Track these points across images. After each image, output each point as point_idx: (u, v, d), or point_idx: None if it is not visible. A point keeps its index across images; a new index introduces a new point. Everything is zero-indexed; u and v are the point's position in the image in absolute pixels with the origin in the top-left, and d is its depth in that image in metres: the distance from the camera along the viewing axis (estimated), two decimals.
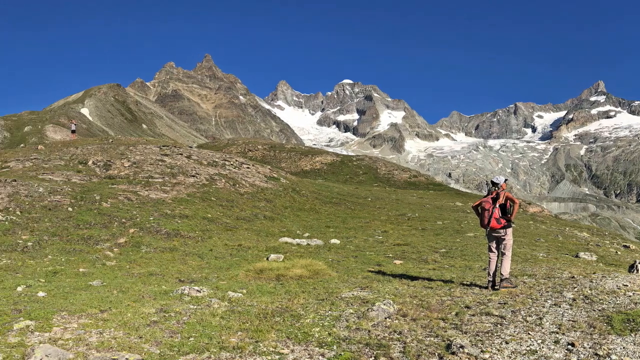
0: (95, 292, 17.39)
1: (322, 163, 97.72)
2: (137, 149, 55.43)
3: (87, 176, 43.76)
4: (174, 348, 11.13)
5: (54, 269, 22.37)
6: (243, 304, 14.99)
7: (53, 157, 51.14)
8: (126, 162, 48.63)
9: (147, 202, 36.46)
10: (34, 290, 17.74)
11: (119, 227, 30.50)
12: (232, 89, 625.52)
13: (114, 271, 22.36)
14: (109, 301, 15.73)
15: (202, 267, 23.71)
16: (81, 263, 23.76)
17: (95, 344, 11.32)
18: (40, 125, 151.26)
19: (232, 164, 55.03)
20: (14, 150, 70.27)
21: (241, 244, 28.92)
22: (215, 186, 44.55)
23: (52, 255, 25.17)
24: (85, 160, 49.35)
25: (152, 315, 13.79)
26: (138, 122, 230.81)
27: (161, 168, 47.41)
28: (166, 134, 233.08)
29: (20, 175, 42.24)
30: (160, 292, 17.19)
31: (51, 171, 44.54)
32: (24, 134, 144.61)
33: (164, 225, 31.33)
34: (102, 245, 27.24)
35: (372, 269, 22.09)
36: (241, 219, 36.82)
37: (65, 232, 29.04)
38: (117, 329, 12.49)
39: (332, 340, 11.60)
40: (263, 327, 12.51)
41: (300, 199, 48.52)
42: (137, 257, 25.52)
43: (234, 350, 10.98)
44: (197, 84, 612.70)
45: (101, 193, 36.72)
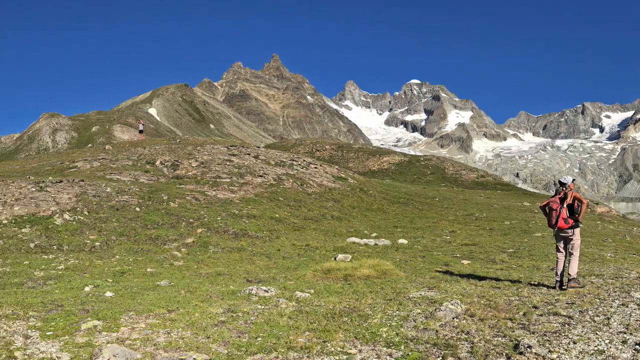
0: (163, 292, 17.59)
1: (390, 163, 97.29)
2: (204, 149, 55.86)
3: (155, 176, 44.28)
4: (241, 348, 11.17)
5: (122, 269, 22.69)
6: (311, 304, 15.00)
7: (120, 157, 51.88)
8: (194, 162, 49.06)
9: (214, 202, 36.74)
10: (101, 290, 18.01)
11: (187, 227, 30.80)
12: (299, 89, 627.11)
13: (182, 271, 22.62)
14: (176, 301, 15.89)
15: (269, 267, 23.80)
16: (149, 263, 24.09)
17: (162, 344, 11.44)
18: (108, 125, 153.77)
19: (299, 164, 55.08)
20: (81, 150, 71.57)
21: (309, 244, 28.95)
22: (283, 186, 44.65)
23: (120, 255, 25.55)
24: (153, 160, 49.94)
25: (219, 315, 13.88)
26: (205, 122, 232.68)
27: (229, 168, 47.69)
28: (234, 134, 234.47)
29: (87, 175, 42.94)
30: (228, 292, 17.28)
31: (119, 171, 45.18)
32: (92, 134, 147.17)
33: (231, 225, 31.52)
34: (169, 245, 27.57)
35: (439, 269, 21.96)
36: (309, 219, 36.85)
37: (132, 232, 29.45)
38: (184, 329, 12.61)
39: (400, 340, 11.53)
40: (331, 327, 12.50)
41: (368, 199, 48.36)
42: (204, 257, 25.76)
43: (302, 350, 10.99)
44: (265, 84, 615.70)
45: (169, 193, 37.12)
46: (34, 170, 48.97)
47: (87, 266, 23.16)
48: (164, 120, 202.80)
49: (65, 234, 28.36)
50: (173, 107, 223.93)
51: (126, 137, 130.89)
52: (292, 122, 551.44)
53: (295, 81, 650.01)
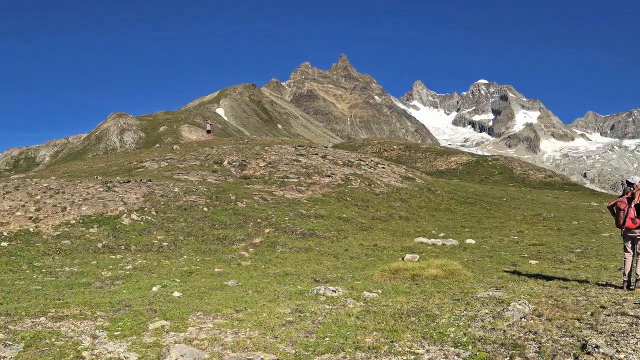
0: (231, 292, 17.66)
1: (457, 163, 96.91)
2: (272, 149, 56.17)
3: (223, 176, 44.64)
4: (309, 348, 11.15)
5: (189, 269, 22.88)
6: (378, 304, 14.93)
7: (188, 157, 52.43)
8: (261, 162, 49.33)
9: (282, 202, 36.88)
10: (169, 290, 18.17)
11: (254, 227, 30.96)
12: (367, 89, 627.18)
13: (250, 271, 22.71)
14: (244, 301, 15.92)
15: (337, 267, 23.80)
16: (216, 263, 24.25)
17: (230, 344, 11.46)
18: (176, 125, 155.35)
19: (367, 164, 55.03)
20: (149, 150, 72.49)
21: (376, 244, 28.89)
22: (351, 186, 44.65)
23: (188, 255, 25.79)
24: (220, 160, 50.35)
25: (287, 315, 13.89)
26: (273, 122, 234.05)
27: (296, 168, 47.86)
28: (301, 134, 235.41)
29: (155, 175, 43.46)
30: (296, 292, 17.30)
31: (186, 171, 45.64)
32: (159, 134, 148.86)
33: (299, 225, 31.60)
34: (237, 245, 27.74)
35: (507, 269, 21.77)
36: (376, 219, 36.77)
37: (200, 232, 29.70)
38: (252, 329, 12.62)
39: (468, 340, 11.42)
40: (398, 327, 12.42)
41: (436, 199, 48.14)
42: (272, 257, 25.87)
43: (369, 350, 10.92)
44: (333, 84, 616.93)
45: (236, 193, 37.36)
46: (102, 170, 49.75)
47: (155, 266, 23.42)
48: (232, 120, 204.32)
49: (133, 234, 28.74)
50: (241, 107, 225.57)
51: (194, 137, 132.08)
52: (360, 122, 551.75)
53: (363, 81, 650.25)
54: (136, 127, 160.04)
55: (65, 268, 22.74)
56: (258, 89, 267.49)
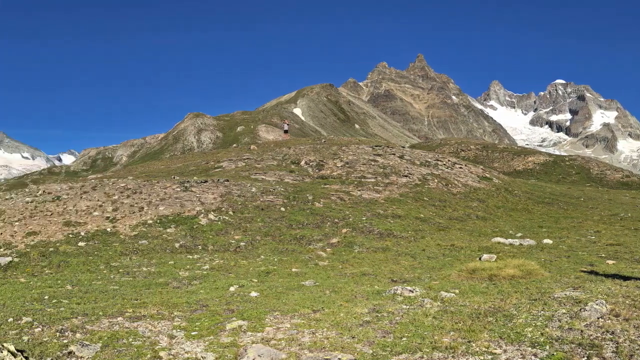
0: (308, 292, 17.70)
1: (535, 163, 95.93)
2: (349, 149, 56.22)
3: (300, 176, 44.82)
4: (386, 348, 11.11)
5: (267, 269, 22.99)
6: (455, 304, 14.82)
7: (265, 157, 52.80)
8: (339, 162, 49.38)
9: (359, 202, 36.86)
10: (246, 290, 18.27)
11: (332, 227, 30.99)
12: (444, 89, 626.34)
13: (327, 271, 22.72)
14: (321, 301, 15.95)
15: (414, 267, 23.69)
16: (294, 263, 24.33)
17: (307, 344, 11.49)
18: (253, 125, 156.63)
19: (444, 164, 54.77)
20: (226, 150, 73.21)
21: (454, 244, 28.69)
22: (428, 186, 44.46)
23: (265, 255, 25.93)
24: (297, 160, 50.58)
25: (364, 315, 13.85)
26: (350, 122, 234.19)
27: (374, 168, 47.80)
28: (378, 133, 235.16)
29: (232, 175, 43.85)
30: (373, 292, 17.24)
31: (264, 171, 45.94)
32: (237, 134, 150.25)
33: (376, 225, 31.54)
34: (314, 245, 27.79)
35: (584, 269, 21.41)
36: (454, 218, 36.55)
37: (277, 232, 29.84)
38: (329, 329, 12.63)
39: (545, 340, 11.27)
40: (475, 327, 12.32)
41: (513, 198, 47.65)
42: (349, 257, 25.84)
43: (447, 350, 10.87)
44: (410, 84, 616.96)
45: (314, 193, 37.47)
46: (179, 170, 50.42)
47: (232, 266, 23.60)
48: (309, 120, 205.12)
49: (210, 234, 29.02)
50: (318, 107, 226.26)
51: (271, 137, 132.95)
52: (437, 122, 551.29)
53: (440, 81, 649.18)
54: (213, 127, 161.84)
55: (142, 268, 23.08)
56: (335, 89, 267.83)
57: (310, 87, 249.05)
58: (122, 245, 26.79)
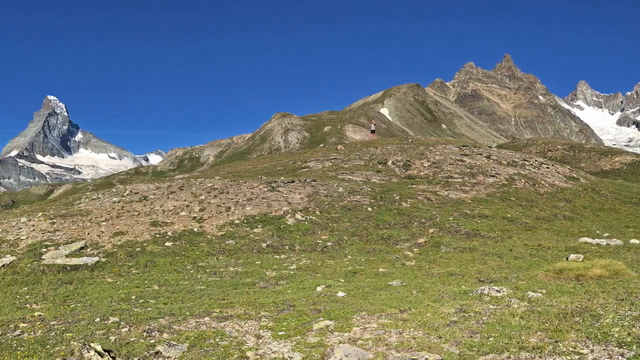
0: (395, 292, 17.62)
1: (622, 163, 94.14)
2: (436, 149, 55.95)
3: (387, 176, 44.75)
4: (473, 348, 11.03)
5: (354, 269, 23.00)
6: (542, 304, 14.63)
7: (352, 157, 52.85)
8: (425, 162, 49.16)
9: (446, 202, 36.63)
10: (333, 290, 18.29)
11: (419, 227, 30.84)
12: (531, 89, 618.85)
13: (414, 271, 22.63)
14: (408, 301, 15.85)
15: (501, 267, 23.51)
16: (380, 263, 24.28)
17: (394, 344, 11.43)
18: (340, 125, 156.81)
19: (531, 164, 54.13)
20: (313, 150, 73.48)
21: (540, 244, 28.35)
22: (515, 186, 43.98)
23: (352, 255, 25.94)
24: (384, 160, 50.53)
25: (451, 315, 13.75)
26: (437, 122, 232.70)
27: (460, 168, 47.50)
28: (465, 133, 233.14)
29: (319, 175, 43.99)
30: (460, 292, 17.11)
31: (350, 171, 45.98)
32: (323, 134, 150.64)
33: (463, 225, 31.31)
34: (401, 245, 27.69)
35: None
36: (540, 218, 36.06)
37: (364, 232, 29.82)
38: (416, 328, 12.55)
39: (632, 340, 11.03)
40: (562, 327, 12.14)
41: (600, 198, 46.81)
42: (436, 257, 25.71)
43: (534, 350, 10.73)
44: (497, 84, 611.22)
45: (400, 193, 37.35)
46: (266, 170, 50.81)
47: (319, 266, 23.67)
48: (396, 120, 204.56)
49: (297, 234, 29.15)
50: (405, 107, 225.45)
51: (358, 137, 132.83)
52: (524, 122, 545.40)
53: (527, 81, 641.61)
54: (300, 127, 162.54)
55: (229, 268, 23.30)
56: (422, 89, 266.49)
57: (397, 87, 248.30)
58: (209, 245, 27.09)
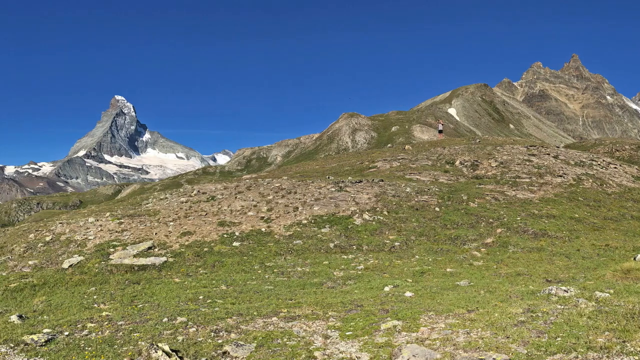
0: (462, 292, 17.51)
1: None
2: (504, 149, 55.53)
3: (454, 176, 44.50)
4: (540, 348, 10.90)
5: (421, 269, 22.89)
6: (610, 303, 14.39)
7: (420, 157, 52.70)
8: (493, 162, 48.79)
9: (514, 202, 36.27)
10: (401, 290, 18.23)
11: (486, 227, 30.59)
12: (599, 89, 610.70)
13: (481, 271, 22.47)
14: (475, 301, 15.73)
15: (569, 267, 23.22)
16: (448, 263, 24.15)
17: (462, 344, 11.36)
18: (407, 125, 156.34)
19: (599, 164, 53.40)
20: (381, 150, 73.34)
21: (608, 244, 27.93)
22: (582, 186, 43.40)
23: (419, 255, 25.82)
24: (452, 160, 50.27)
25: (519, 315, 13.59)
26: (505, 122, 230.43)
27: (528, 168, 47.06)
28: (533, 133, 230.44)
29: (387, 175, 43.92)
30: (527, 292, 16.91)
31: (418, 171, 45.84)
32: (391, 134, 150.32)
33: (530, 225, 30.96)
34: (469, 245, 27.50)
35: None
36: (608, 218, 35.48)
37: (432, 232, 29.68)
38: (484, 329, 12.44)
39: None
40: (630, 327, 11.91)
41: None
42: (504, 257, 25.46)
43: (601, 350, 10.58)
44: (564, 84, 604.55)
45: (468, 193, 37.10)
46: (333, 170, 50.87)
47: (387, 266, 23.60)
48: (463, 120, 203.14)
49: (365, 234, 29.10)
50: (472, 107, 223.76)
51: (425, 137, 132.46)
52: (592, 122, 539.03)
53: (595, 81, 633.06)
54: (368, 127, 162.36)
55: (297, 268, 23.37)
56: (490, 89, 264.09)
57: (464, 87, 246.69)
58: (276, 245, 27.20)
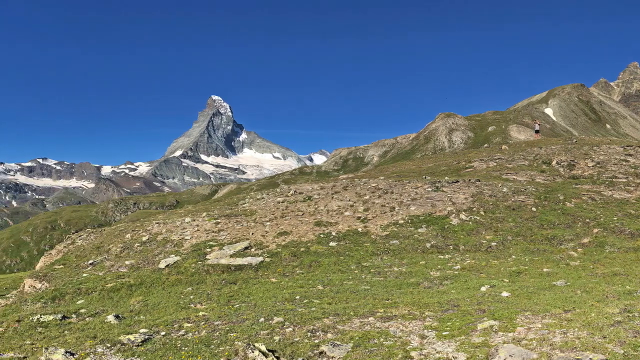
0: (559, 292, 17.26)
1: None
2: (600, 149, 54.50)
3: (551, 176, 43.86)
4: (637, 348, 10.72)
5: (518, 269, 22.63)
6: None
7: (517, 157, 52.11)
8: (590, 162, 47.95)
9: (610, 201, 35.53)
10: (497, 290, 18.09)
11: (583, 227, 30.04)
12: None
13: (578, 271, 22.07)
14: (572, 301, 15.51)
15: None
16: (545, 263, 23.80)
17: (558, 344, 11.22)
18: (504, 125, 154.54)
19: None
20: (477, 150, 72.73)
21: None
22: None
23: (516, 255, 25.53)
24: (548, 160, 49.55)
25: (615, 315, 13.35)
26: (602, 122, 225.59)
27: (625, 168, 46.05)
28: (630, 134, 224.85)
29: (483, 175, 43.55)
30: (624, 292, 16.60)
31: (514, 171, 45.32)
32: (488, 134, 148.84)
33: (627, 225, 30.23)
34: (565, 245, 27.05)
35: None
36: None
37: (528, 232, 29.30)
38: (580, 329, 12.25)
39: None
40: None
41: None
42: (600, 257, 24.94)
43: None
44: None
45: (564, 193, 36.51)
46: (430, 170, 50.69)
47: (483, 266, 23.42)
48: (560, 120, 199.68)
49: (461, 233, 28.93)
50: (569, 107, 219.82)
51: (522, 137, 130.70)
52: None
53: None
54: (464, 127, 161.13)
55: (393, 268, 23.36)
56: (586, 89, 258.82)
57: (561, 87, 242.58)
58: (373, 245, 27.23)
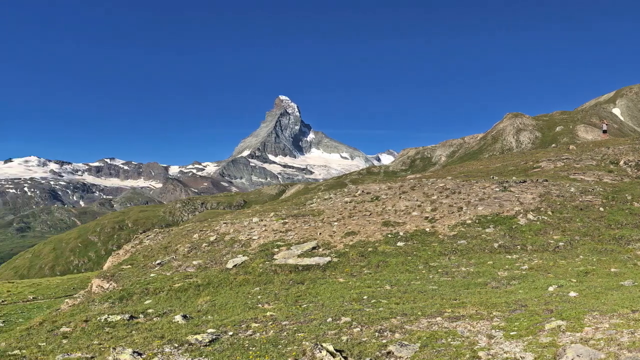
0: (627, 292, 17.02)
1: None
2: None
3: (619, 176, 43.25)
4: None
5: (585, 269, 22.37)
6: None
7: (584, 157, 51.47)
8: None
9: None
10: (565, 290, 17.92)
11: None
12: None
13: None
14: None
15: None
16: (612, 263, 23.47)
17: (626, 344, 11.08)
18: (572, 125, 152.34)
19: None
20: (545, 150, 71.98)
21: None
22: None
23: (583, 255, 25.21)
24: (616, 160, 48.86)
25: None
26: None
27: None
28: None
29: (551, 175, 43.11)
30: None
31: (582, 171, 44.78)
32: (555, 134, 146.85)
33: None
34: (633, 245, 26.61)
35: None
36: None
37: (596, 232, 28.92)
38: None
39: None
40: None
41: None
42: None
43: None
44: None
45: (632, 193, 35.96)
46: (497, 170, 50.32)
47: (551, 266, 23.20)
48: (628, 120, 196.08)
49: (529, 233, 28.68)
50: (637, 106, 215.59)
51: (590, 137, 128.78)
52: None
53: None
54: (532, 127, 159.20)
55: (461, 268, 23.29)
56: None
57: (629, 87, 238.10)
58: (440, 245, 27.18)
